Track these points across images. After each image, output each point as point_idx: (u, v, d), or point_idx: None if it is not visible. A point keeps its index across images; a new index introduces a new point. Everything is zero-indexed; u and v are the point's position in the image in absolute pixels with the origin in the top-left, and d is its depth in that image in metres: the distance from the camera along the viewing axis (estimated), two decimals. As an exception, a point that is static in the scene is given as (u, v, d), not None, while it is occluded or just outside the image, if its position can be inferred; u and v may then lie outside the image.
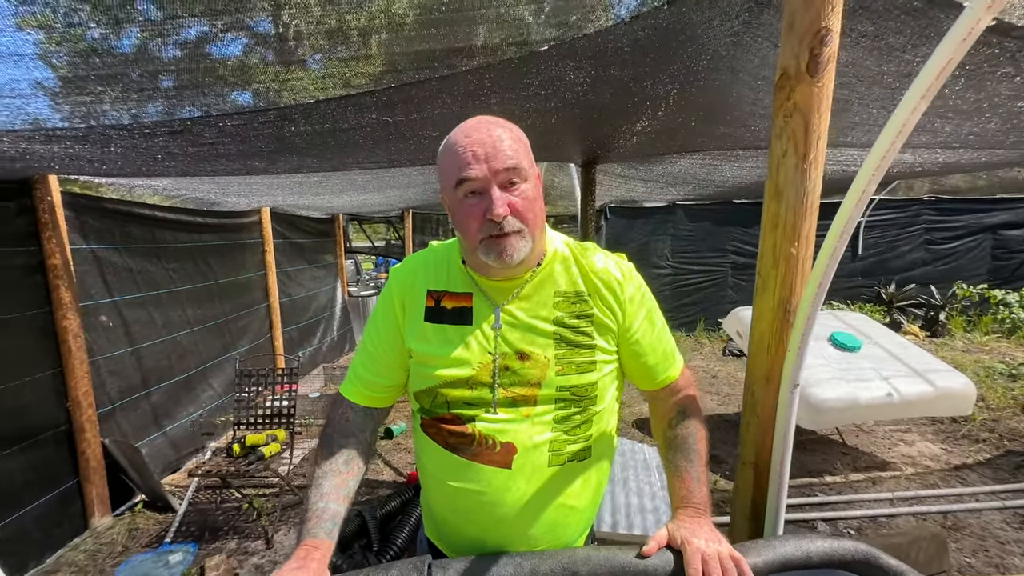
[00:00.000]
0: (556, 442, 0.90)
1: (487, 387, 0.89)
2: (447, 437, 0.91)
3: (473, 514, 0.92)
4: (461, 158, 0.83)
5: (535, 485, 0.90)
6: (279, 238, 5.10)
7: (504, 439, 0.89)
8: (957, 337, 6.47)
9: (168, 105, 1.67)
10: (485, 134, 0.84)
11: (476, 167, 0.82)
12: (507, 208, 0.82)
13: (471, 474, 0.90)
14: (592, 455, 0.95)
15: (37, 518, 2.54)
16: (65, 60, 1.34)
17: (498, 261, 0.85)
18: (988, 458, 3.43)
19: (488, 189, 0.83)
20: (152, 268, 3.42)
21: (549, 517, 0.92)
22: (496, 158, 0.82)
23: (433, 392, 0.92)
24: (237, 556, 2.60)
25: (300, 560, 0.80)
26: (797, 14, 1.05)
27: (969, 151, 2.93)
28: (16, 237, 2.53)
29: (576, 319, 0.91)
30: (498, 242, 0.84)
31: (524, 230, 0.85)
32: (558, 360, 0.89)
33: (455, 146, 0.85)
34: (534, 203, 0.87)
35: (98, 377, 2.91)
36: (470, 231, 0.85)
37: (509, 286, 0.92)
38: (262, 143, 2.01)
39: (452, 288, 0.94)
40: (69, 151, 1.96)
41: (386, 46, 1.48)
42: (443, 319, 0.93)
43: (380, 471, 3.40)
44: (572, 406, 0.90)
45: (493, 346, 0.90)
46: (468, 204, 0.85)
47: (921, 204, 7.11)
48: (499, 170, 0.82)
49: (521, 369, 0.89)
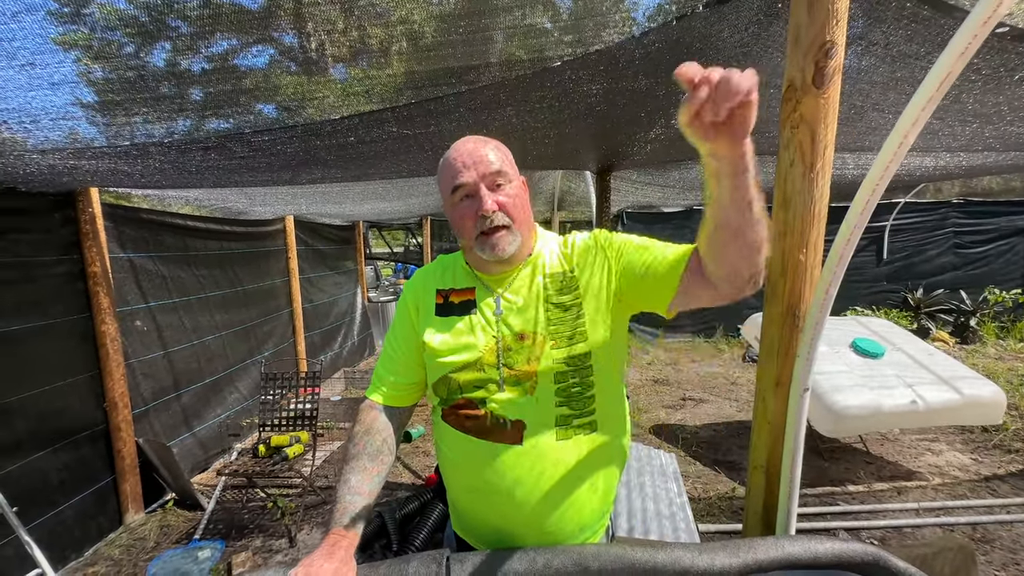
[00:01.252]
0: (562, 416, 0.97)
1: (494, 367, 0.98)
2: (464, 421, 1.00)
3: (492, 494, 0.98)
4: (453, 168, 0.97)
5: (547, 459, 0.96)
6: (302, 245, 5.25)
7: (513, 417, 0.96)
8: (989, 344, 6.26)
9: (197, 118, 1.78)
10: (471, 147, 0.98)
11: (466, 173, 0.96)
12: (495, 204, 0.95)
13: (487, 453, 0.97)
14: (599, 429, 0.99)
15: (76, 513, 2.67)
16: (102, 78, 1.45)
17: (491, 255, 0.97)
18: (1021, 469, 3.32)
19: (478, 191, 0.96)
20: (183, 275, 3.57)
21: (564, 491, 0.97)
22: (482, 164, 0.96)
23: (447, 380, 1.01)
24: (262, 553, 2.69)
25: (329, 547, 0.86)
26: (802, 28, 1.08)
27: (993, 154, 2.87)
28: (60, 246, 2.68)
29: (562, 294, 1.00)
30: (489, 237, 0.96)
31: (512, 225, 0.97)
32: (551, 335, 0.97)
33: (447, 160, 1.00)
34: (518, 200, 0.99)
35: (133, 379, 3.05)
36: (466, 229, 0.98)
37: (505, 276, 1.03)
38: (290, 156, 2.11)
39: (457, 285, 1.07)
40: (111, 166, 2.09)
41: (407, 63, 1.55)
42: (451, 312, 1.04)
43: (399, 474, 3.46)
44: (570, 377, 0.97)
45: (496, 330, 1.00)
46: (463, 207, 0.98)
47: (949, 207, 6.92)
48: (486, 174, 0.96)
49: (520, 348, 0.98)
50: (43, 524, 2.47)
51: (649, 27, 1.32)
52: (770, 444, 1.22)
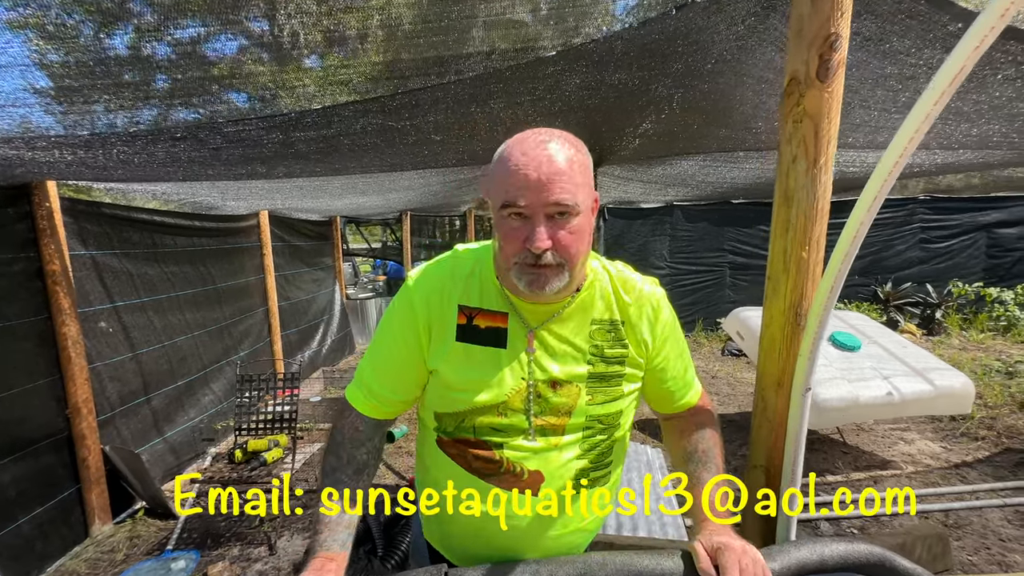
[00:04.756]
0: (582, 470, 0.90)
1: (520, 413, 0.86)
2: (471, 461, 0.89)
3: (490, 536, 0.92)
4: (512, 178, 0.76)
5: (557, 511, 0.90)
6: (277, 241, 5.08)
7: (532, 467, 0.87)
8: (953, 335, 6.52)
9: (164, 107, 1.66)
10: (544, 156, 0.75)
11: (526, 194, 0.75)
12: (549, 243, 0.76)
13: (493, 498, 0.89)
14: (611, 479, 0.96)
15: (37, 526, 2.51)
16: (58, 61, 1.33)
17: (528, 289, 0.80)
18: (987, 455, 3.46)
19: (534, 217, 0.76)
20: (151, 273, 3.40)
21: (565, 539, 0.93)
22: (550, 188, 0.74)
23: (460, 416, 0.88)
24: (240, 563, 2.58)
25: (316, 571, 0.79)
26: (805, 20, 1.06)
27: (967, 152, 2.96)
28: (14, 243, 2.51)
29: (611, 348, 0.89)
30: (533, 271, 0.78)
31: (564, 264, 0.78)
32: (590, 389, 0.88)
33: (508, 161, 0.77)
34: (582, 237, 0.79)
35: (98, 383, 2.89)
36: (507, 252, 0.80)
37: (547, 309, 0.87)
38: (265, 148, 2.00)
39: (486, 306, 0.87)
40: (69, 157, 1.95)
41: (390, 52, 1.48)
42: (476, 339, 0.87)
43: (383, 475, 3.38)
44: (599, 434, 0.90)
45: (527, 372, 0.86)
46: (511, 225, 0.78)
47: (916, 203, 7.16)
48: (548, 202, 0.75)
49: (553, 397, 0.86)
50: (1, 539, 2.31)
51: (646, 17, 1.28)
52: (769, 443, 1.20)
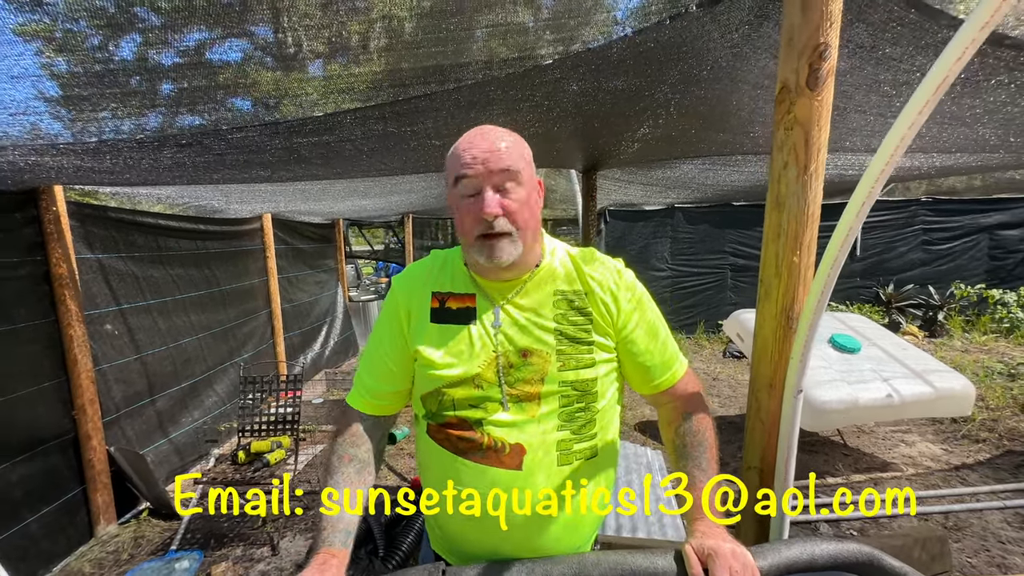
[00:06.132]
0: (564, 441, 0.93)
1: (493, 385, 0.92)
2: (456, 443, 0.93)
3: (483, 520, 0.93)
4: (460, 159, 0.90)
5: (546, 486, 0.92)
6: (280, 244, 5.12)
7: (513, 441, 0.91)
8: (956, 337, 6.51)
9: (170, 114, 1.69)
10: (485, 139, 0.90)
11: (473, 166, 0.88)
12: (499, 208, 0.87)
13: (481, 478, 0.92)
14: (599, 455, 0.97)
15: (43, 526, 2.54)
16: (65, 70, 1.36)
17: (487, 261, 0.90)
18: (988, 458, 3.46)
19: (482, 189, 0.88)
20: (156, 275, 3.44)
21: (560, 520, 0.94)
22: (492, 160, 0.88)
23: (439, 394, 0.94)
24: (243, 563, 2.61)
25: (318, 567, 0.82)
26: (796, 29, 1.08)
27: (965, 155, 2.97)
28: (22, 247, 2.55)
29: (575, 316, 0.95)
30: (488, 241, 0.89)
31: (514, 233, 0.89)
32: (559, 356, 0.92)
33: (457, 148, 0.92)
34: (527, 207, 0.91)
35: (104, 384, 2.93)
36: (466, 228, 0.91)
37: (508, 286, 0.97)
38: (269, 154, 2.04)
39: (456, 289, 0.98)
40: (77, 163, 1.98)
41: (393, 61, 1.51)
42: (448, 319, 0.96)
43: (384, 476, 3.41)
44: (576, 402, 0.93)
45: (495, 344, 0.93)
46: (466, 203, 0.90)
47: (918, 205, 7.15)
48: (494, 171, 0.87)
49: (523, 366, 0.92)
50: (7, 539, 2.34)
51: (641, 26, 1.31)
52: (763, 445, 1.22)
